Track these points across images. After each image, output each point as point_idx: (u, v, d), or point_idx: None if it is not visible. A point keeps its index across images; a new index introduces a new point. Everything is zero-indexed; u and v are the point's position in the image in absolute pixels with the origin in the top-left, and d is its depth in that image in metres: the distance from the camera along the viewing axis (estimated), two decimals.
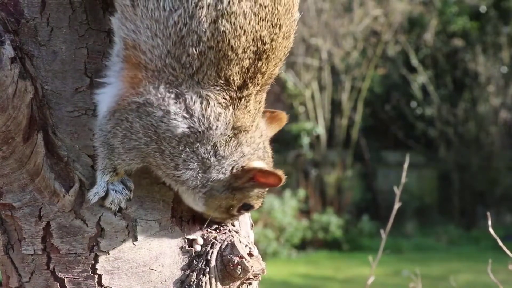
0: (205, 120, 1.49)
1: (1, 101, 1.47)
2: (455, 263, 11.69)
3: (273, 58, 1.52)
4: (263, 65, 1.51)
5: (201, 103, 1.49)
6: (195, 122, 1.49)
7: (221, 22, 1.44)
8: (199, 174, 1.55)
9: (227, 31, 1.44)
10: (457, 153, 15.99)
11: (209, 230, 1.70)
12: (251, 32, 1.46)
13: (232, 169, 1.57)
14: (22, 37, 1.56)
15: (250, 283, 1.73)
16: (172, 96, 1.48)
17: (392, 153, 16.30)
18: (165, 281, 1.64)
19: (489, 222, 2.50)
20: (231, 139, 1.54)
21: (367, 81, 15.29)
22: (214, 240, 1.68)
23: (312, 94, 15.08)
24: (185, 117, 1.49)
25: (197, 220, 1.69)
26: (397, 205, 2.80)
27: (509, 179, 15.72)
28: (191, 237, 1.68)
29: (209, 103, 1.49)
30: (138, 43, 1.47)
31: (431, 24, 16.07)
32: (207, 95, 1.49)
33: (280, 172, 1.58)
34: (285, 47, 1.54)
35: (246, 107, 1.53)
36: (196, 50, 1.45)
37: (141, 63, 1.48)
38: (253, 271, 1.66)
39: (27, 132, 1.53)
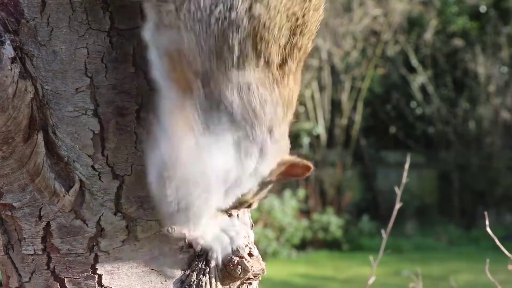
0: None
1: (1, 101, 1.47)
2: (455, 263, 11.70)
3: (306, 32, 1.56)
4: (298, 40, 1.55)
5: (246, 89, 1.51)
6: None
7: (256, 6, 1.46)
8: None
9: (262, 15, 1.47)
10: (457, 153, 15.99)
11: None
12: (284, 11, 1.50)
13: None
14: (22, 37, 1.56)
15: (250, 283, 1.73)
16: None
17: (392, 153, 16.31)
18: (165, 281, 1.64)
19: (487, 222, 2.50)
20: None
21: (367, 81, 15.29)
22: None
23: (312, 94, 15.08)
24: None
25: None
26: (398, 206, 2.80)
27: (509, 179, 15.72)
28: (191, 237, 1.68)
29: (250, 89, 1.51)
30: (182, 50, 1.48)
31: (430, 24, 16.07)
32: (248, 81, 1.50)
33: None
34: (316, 20, 1.58)
35: (288, 84, 1.56)
36: (235, 41, 1.47)
37: (190, 70, 1.49)
38: (253, 271, 1.66)
39: (27, 132, 1.53)
